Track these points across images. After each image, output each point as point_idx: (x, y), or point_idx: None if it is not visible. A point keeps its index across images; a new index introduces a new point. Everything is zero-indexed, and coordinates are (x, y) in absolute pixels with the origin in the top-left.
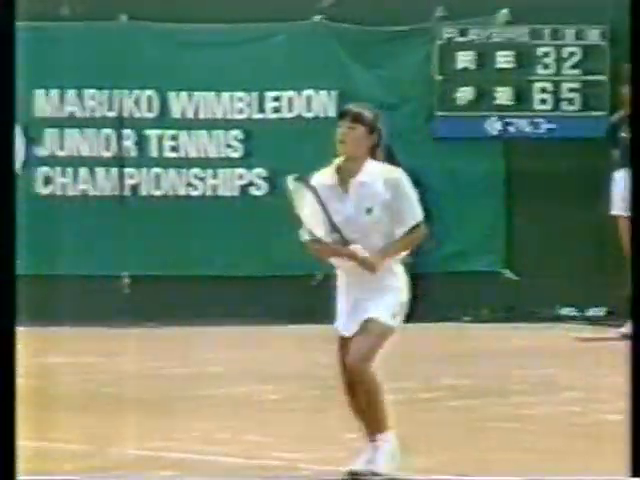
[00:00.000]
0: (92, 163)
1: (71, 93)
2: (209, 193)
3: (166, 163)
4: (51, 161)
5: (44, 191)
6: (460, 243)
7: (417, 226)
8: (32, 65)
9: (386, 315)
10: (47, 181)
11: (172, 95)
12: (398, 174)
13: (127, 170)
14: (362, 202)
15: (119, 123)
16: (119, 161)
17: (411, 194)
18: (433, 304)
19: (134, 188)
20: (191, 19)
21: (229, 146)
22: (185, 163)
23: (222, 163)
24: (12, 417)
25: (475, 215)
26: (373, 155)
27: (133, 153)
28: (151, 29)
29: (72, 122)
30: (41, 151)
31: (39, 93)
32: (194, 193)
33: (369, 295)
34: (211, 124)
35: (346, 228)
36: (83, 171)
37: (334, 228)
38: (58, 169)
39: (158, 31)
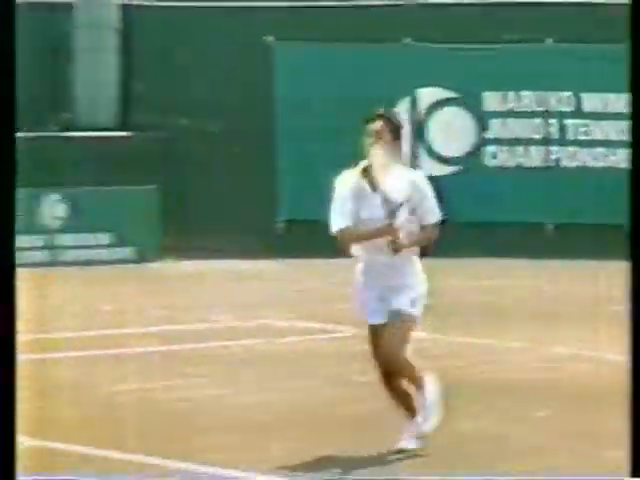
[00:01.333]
0: (526, 143)
1: (511, 94)
2: (611, 165)
3: (580, 143)
4: (496, 142)
5: (491, 163)
6: None
7: (435, 225)
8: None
9: (407, 305)
10: (493, 156)
11: (585, 95)
12: (420, 177)
13: (552, 148)
14: (390, 203)
15: (546, 115)
16: (546, 142)
17: (431, 195)
18: None
19: (557, 161)
20: (596, 39)
21: (622, 132)
22: (594, 143)
23: (620, 144)
24: (12, 417)
25: None
26: (398, 158)
27: (556, 136)
28: (574, 49)
29: (511, 114)
30: (489, 134)
31: (487, 94)
32: (599, 165)
33: (393, 288)
34: (612, 116)
35: (371, 226)
36: (519, 149)
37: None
38: (501, 147)
39: (577, 50)
